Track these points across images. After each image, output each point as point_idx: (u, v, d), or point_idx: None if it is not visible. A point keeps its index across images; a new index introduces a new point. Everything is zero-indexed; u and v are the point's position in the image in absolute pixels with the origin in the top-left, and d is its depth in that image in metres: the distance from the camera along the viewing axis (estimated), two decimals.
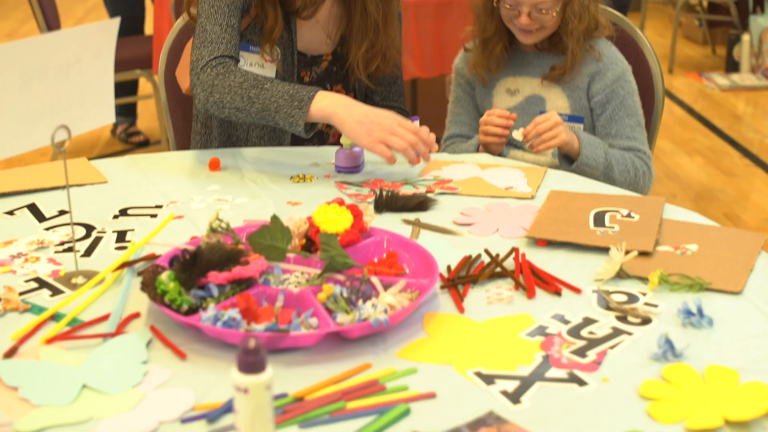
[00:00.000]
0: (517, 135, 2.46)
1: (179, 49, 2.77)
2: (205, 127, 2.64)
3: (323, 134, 2.66)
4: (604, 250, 1.81)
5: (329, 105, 2.24)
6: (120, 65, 2.77)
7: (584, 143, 2.47)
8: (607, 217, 1.97)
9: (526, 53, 2.68)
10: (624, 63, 2.63)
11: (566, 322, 1.58)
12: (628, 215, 1.97)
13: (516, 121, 2.54)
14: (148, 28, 5.57)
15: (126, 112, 5.60)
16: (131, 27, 5.37)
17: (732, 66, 6.84)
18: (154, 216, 2.06)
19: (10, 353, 1.50)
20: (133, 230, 1.98)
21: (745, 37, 6.70)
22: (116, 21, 1.84)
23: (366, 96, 2.73)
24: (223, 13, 2.43)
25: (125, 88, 5.41)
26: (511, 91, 2.68)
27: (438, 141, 2.52)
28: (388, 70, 2.64)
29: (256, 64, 2.52)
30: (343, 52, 2.63)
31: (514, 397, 1.38)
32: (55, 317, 1.62)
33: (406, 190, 2.15)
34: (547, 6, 2.52)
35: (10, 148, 1.77)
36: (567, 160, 2.51)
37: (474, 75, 2.71)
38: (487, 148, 2.54)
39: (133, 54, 4.90)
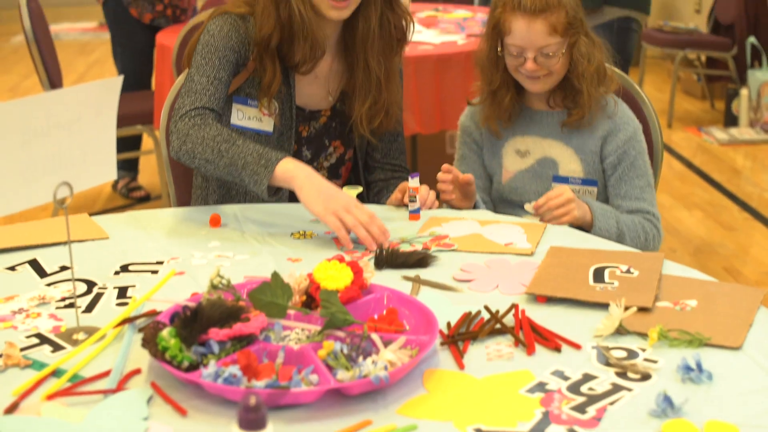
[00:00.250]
0: (529, 208, 2.44)
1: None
2: (205, 180, 2.65)
3: None
4: (604, 306, 1.81)
5: (294, 169, 2.25)
6: (122, 120, 2.79)
7: (597, 215, 2.45)
8: (606, 273, 1.97)
9: (535, 111, 2.66)
10: (635, 122, 2.63)
11: (566, 378, 1.58)
12: (628, 271, 1.98)
13: (529, 185, 2.57)
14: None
15: (128, 167, 5.62)
16: (139, 81, 5.40)
17: (730, 120, 6.87)
18: (155, 272, 2.06)
19: (11, 409, 1.50)
20: (134, 286, 1.99)
21: (744, 92, 6.74)
22: (119, 79, 1.86)
23: (367, 153, 2.74)
24: (213, 66, 2.46)
25: (128, 143, 5.44)
26: (521, 153, 2.66)
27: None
28: (390, 126, 2.65)
29: (254, 118, 2.54)
30: (342, 108, 2.65)
31: None
32: (56, 373, 1.62)
33: (404, 248, 2.16)
34: (552, 49, 2.52)
35: (13, 205, 1.78)
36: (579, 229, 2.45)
37: (487, 129, 2.69)
38: (449, 204, 2.54)
39: (135, 109, 4.93)
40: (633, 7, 4.56)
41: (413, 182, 2.36)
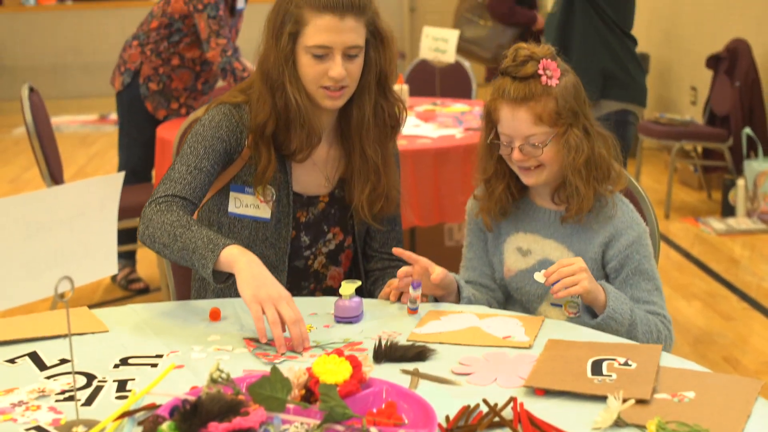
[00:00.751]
0: (539, 277, 2.35)
1: None
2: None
3: (319, 274, 2.68)
4: (602, 398, 1.82)
5: (238, 254, 2.26)
6: (123, 213, 2.81)
7: (611, 296, 2.35)
8: (604, 365, 1.98)
9: (538, 207, 2.60)
10: (641, 226, 2.53)
11: None
12: (626, 363, 1.98)
13: (530, 286, 2.54)
14: None
15: (127, 255, 5.63)
16: (141, 174, 5.43)
17: (728, 210, 6.90)
18: (154, 365, 2.07)
19: None
20: (133, 379, 1.99)
21: (740, 182, 6.78)
22: (120, 175, 1.88)
23: (365, 242, 2.76)
24: (197, 156, 2.49)
25: (129, 234, 5.45)
26: (523, 251, 2.60)
27: None
28: (391, 210, 2.68)
29: (252, 205, 2.56)
30: (341, 194, 2.67)
31: None
32: None
33: (315, 352, 2.12)
34: (538, 139, 2.45)
35: (14, 299, 1.80)
36: (590, 313, 2.41)
37: (481, 222, 2.64)
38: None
39: (136, 202, 4.94)
40: (630, 101, 4.62)
41: (415, 292, 2.36)
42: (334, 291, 2.65)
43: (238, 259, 2.25)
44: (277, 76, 2.50)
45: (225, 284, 2.32)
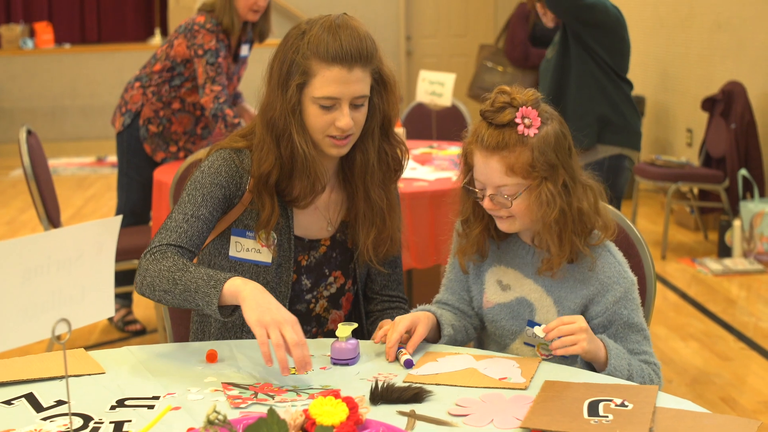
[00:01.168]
0: (539, 332, 2.32)
1: None
2: (203, 314, 2.66)
3: (321, 318, 2.68)
4: None
5: (241, 284, 2.27)
6: (120, 255, 2.81)
7: (612, 353, 2.31)
8: (601, 406, 1.98)
9: (522, 244, 2.54)
10: (627, 279, 2.46)
11: None
12: (622, 404, 1.99)
13: (506, 322, 2.50)
14: None
15: (123, 296, 5.63)
16: (140, 215, 5.44)
17: (724, 251, 6.92)
18: (151, 407, 2.07)
19: None
20: (130, 421, 1.99)
21: (737, 223, 6.79)
22: (118, 219, 1.89)
23: (366, 285, 2.76)
24: (194, 203, 2.49)
25: (126, 275, 5.46)
26: (503, 285, 2.55)
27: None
28: (395, 252, 2.69)
29: (253, 249, 2.56)
30: (343, 238, 2.67)
31: None
32: None
33: (290, 396, 2.10)
34: (509, 191, 2.37)
35: (11, 341, 1.80)
36: (589, 367, 2.36)
37: (458, 263, 2.60)
38: None
39: (133, 244, 4.95)
40: (625, 145, 4.64)
41: (402, 353, 2.34)
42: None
43: (241, 289, 2.26)
44: (284, 125, 2.49)
45: (231, 317, 2.33)
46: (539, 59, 8.02)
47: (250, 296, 2.24)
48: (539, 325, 2.37)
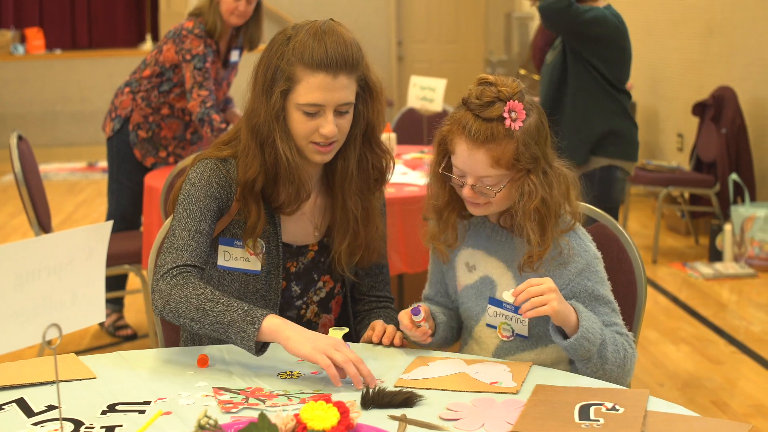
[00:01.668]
0: (507, 296, 2.32)
1: None
2: None
3: (312, 323, 2.68)
4: None
5: (281, 323, 2.27)
6: (110, 260, 2.81)
7: (582, 315, 2.30)
8: (592, 410, 1.98)
9: (488, 224, 2.55)
10: (589, 254, 2.47)
11: None
12: (613, 408, 1.99)
13: (473, 302, 2.51)
14: None
15: (114, 301, 5.62)
16: (130, 220, 5.44)
17: (715, 255, 6.93)
18: (142, 412, 2.06)
19: None
20: (121, 426, 1.99)
21: (727, 227, 6.81)
22: (108, 224, 1.89)
23: (353, 287, 2.76)
24: (194, 219, 2.48)
25: (117, 280, 5.46)
26: (469, 267, 2.56)
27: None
28: (373, 259, 2.67)
29: (241, 258, 2.55)
30: (329, 242, 2.66)
31: None
32: None
33: (279, 401, 2.10)
34: (492, 181, 2.39)
35: (2, 346, 1.80)
36: (561, 334, 2.35)
37: (433, 249, 2.61)
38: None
39: (123, 249, 4.95)
40: (618, 157, 4.65)
41: (417, 318, 2.38)
42: None
43: (281, 328, 2.26)
44: (268, 131, 2.48)
45: (262, 353, 2.32)
46: None
47: (293, 334, 2.25)
48: (501, 302, 2.39)
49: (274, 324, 2.27)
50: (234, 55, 5.31)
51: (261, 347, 2.31)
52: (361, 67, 2.50)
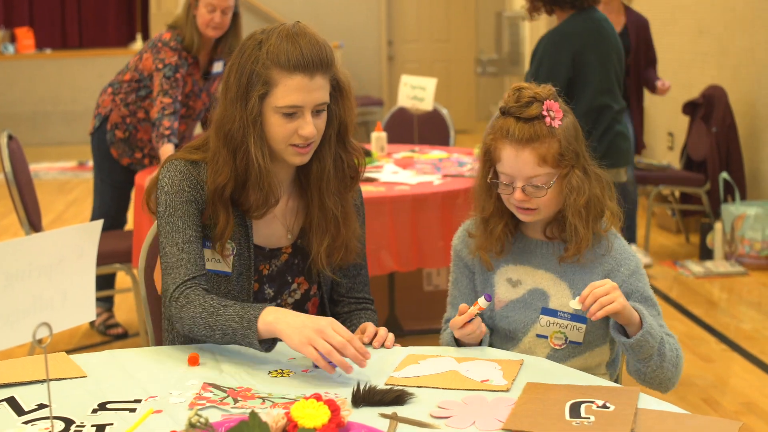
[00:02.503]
0: (574, 304, 2.37)
1: (158, 247, 2.80)
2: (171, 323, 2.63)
3: None
4: None
5: (273, 320, 2.28)
6: (100, 259, 2.80)
7: (644, 314, 2.38)
8: (582, 407, 1.98)
9: (530, 240, 2.61)
10: (636, 257, 2.59)
11: None
12: (604, 406, 1.99)
13: (519, 315, 2.55)
14: (131, 223, 5.64)
15: (104, 300, 5.62)
16: (114, 217, 5.46)
17: (705, 254, 6.94)
18: (133, 410, 2.06)
19: None
20: (111, 424, 1.99)
21: (718, 226, 6.82)
22: (99, 223, 1.89)
23: (332, 288, 2.75)
24: (178, 230, 2.49)
25: (107, 279, 5.46)
26: (513, 282, 2.60)
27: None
28: (351, 259, 2.66)
29: (212, 259, 2.55)
30: (303, 244, 2.65)
31: None
32: None
33: (266, 404, 2.08)
34: (541, 180, 2.46)
35: None
36: (623, 333, 2.40)
37: (476, 259, 2.64)
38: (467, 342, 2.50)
39: (113, 248, 4.95)
40: (612, 167, 4.64)
41: (485, 302, 2.39)
42: None
43: (272, 326, 2.28)
44: (242, 137, 2.46)
45: (274, 348, 2.34)
46: None
47: (283, 326, 2.26)
48: (555, 311, 2.49)
49: (267, 323, 2.28)
50: (217, 66, 5.33)
51: (269, 344, 2.33)
52: (334, 66, 2.51)
